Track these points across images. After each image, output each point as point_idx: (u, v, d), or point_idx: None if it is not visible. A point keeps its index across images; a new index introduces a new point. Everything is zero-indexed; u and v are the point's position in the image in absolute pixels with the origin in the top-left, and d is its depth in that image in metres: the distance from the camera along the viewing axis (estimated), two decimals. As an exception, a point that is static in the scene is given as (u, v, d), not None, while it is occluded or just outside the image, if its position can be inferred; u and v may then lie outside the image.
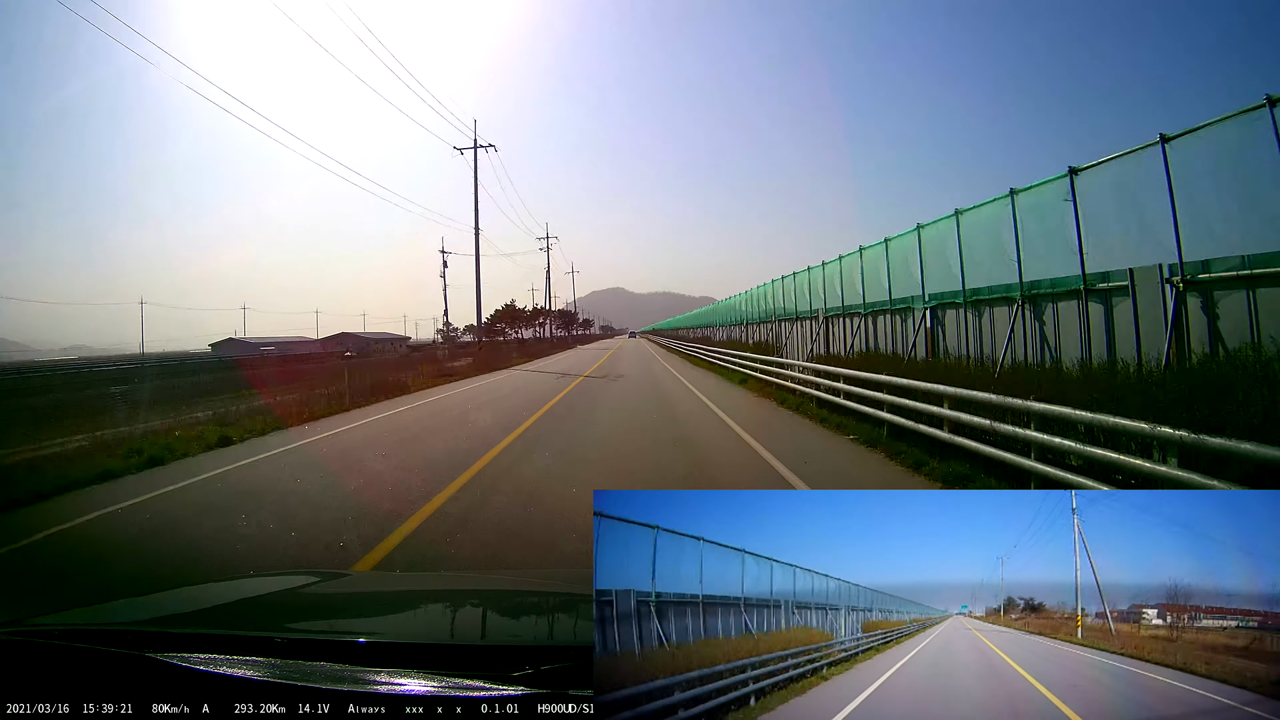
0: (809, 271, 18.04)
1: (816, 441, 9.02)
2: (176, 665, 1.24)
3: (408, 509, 5.70)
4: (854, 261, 14.45)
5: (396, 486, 6.64)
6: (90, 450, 9.05)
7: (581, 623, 1.66)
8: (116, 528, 5.83)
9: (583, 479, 6.71)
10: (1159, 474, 4.00)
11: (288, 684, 1.19)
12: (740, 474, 7.01)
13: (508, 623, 1.82)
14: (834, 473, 7.02)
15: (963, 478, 6.14)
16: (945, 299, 10.62)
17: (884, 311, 13.04)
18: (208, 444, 9.94)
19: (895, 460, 7.34)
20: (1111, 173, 6.99)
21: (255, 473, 8.00)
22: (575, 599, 1.87)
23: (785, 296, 20.59)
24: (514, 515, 5.49)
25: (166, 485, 7.31)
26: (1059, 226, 7.71)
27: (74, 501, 6.81)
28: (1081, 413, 4.78)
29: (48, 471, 7.80)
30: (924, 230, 11.19)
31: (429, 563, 4.39)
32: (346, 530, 5.14)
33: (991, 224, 9.20)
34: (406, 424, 12.06)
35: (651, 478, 6.93)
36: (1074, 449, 4.85)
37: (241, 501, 6.40)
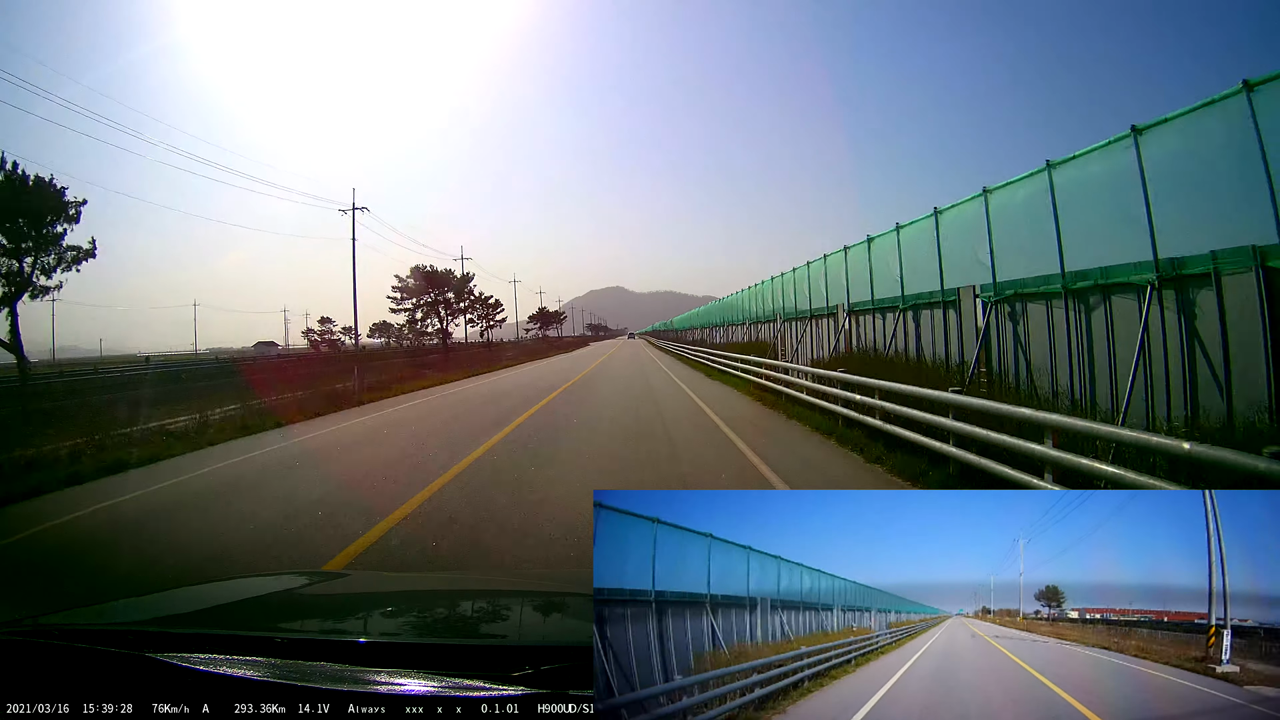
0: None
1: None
2: (177, 665, 1.24)
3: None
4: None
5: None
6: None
7: (581, 623, 1.66)
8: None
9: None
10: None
11: (288, 684, 1.19)
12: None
13: (508, 623, 1.82)
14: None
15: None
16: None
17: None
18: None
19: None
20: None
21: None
22: (575, 599, 1.87)
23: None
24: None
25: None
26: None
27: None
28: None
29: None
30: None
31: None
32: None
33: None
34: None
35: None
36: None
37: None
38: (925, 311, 10.91)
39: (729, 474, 6.93)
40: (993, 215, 8.85)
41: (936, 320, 10.52)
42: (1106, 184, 6.90)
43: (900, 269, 11.62)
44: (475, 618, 1.85)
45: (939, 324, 10.45)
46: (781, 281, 20.27)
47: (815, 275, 16.62)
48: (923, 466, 6.49)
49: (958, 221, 9.90)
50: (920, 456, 6.64)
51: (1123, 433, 4.30)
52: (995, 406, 5.54)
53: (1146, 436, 4.05)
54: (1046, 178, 7.60)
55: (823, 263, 15.74)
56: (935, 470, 6.30)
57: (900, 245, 11.63)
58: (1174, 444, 3.68)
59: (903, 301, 11.55)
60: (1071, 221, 7.38)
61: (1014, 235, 8.54)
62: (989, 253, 8.84)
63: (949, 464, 6.10)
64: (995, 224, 8.82)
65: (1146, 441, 3.94)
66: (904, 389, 7.27)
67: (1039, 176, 7.80)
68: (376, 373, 23.11)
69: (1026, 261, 8.20)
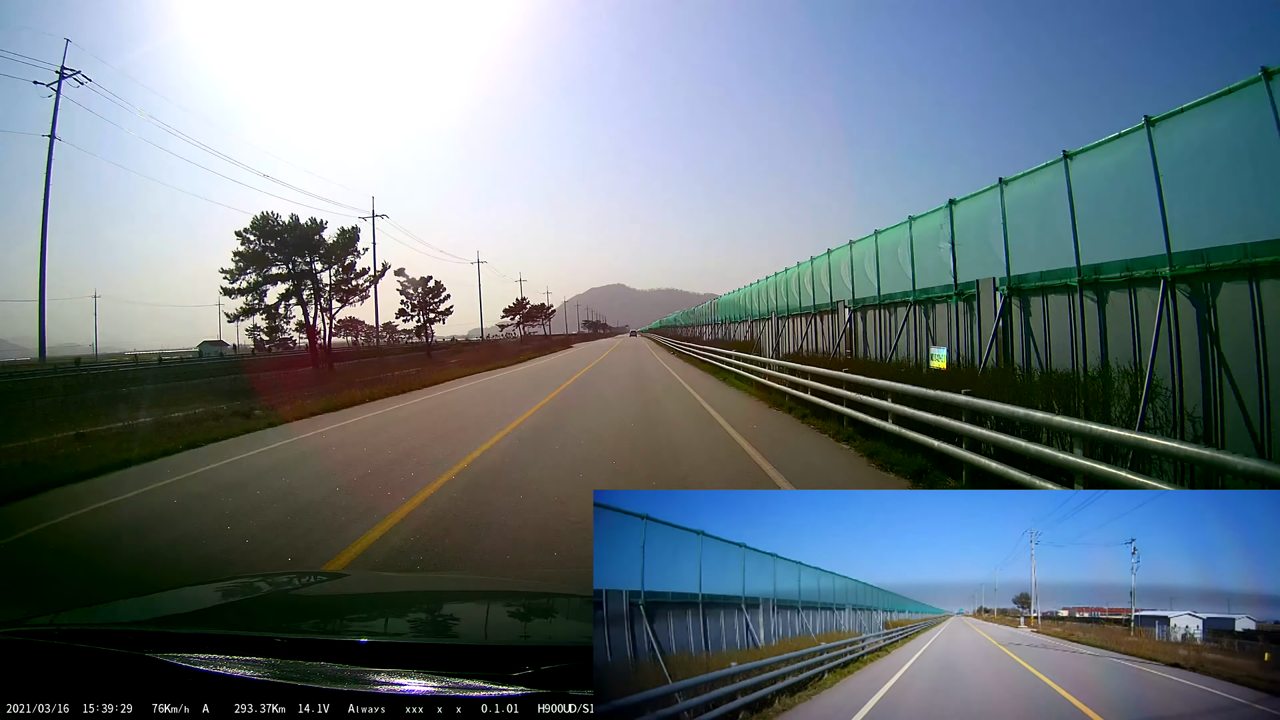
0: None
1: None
2: (177, 665, 1.24)
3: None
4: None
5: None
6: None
7: (581, 623, 1.66)
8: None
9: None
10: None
11: (288, 684, 1.19)
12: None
13: (507, 623, 1.82)
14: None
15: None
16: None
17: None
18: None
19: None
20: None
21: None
22: (575, 599, 1.87)
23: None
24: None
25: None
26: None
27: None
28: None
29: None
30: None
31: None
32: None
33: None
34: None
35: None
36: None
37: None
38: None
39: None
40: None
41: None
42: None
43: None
44: (475, 618, 1.86)
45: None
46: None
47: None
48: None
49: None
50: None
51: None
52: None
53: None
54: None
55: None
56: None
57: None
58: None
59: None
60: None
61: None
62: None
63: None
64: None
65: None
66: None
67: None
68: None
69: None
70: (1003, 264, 8.80)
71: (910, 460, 6.67)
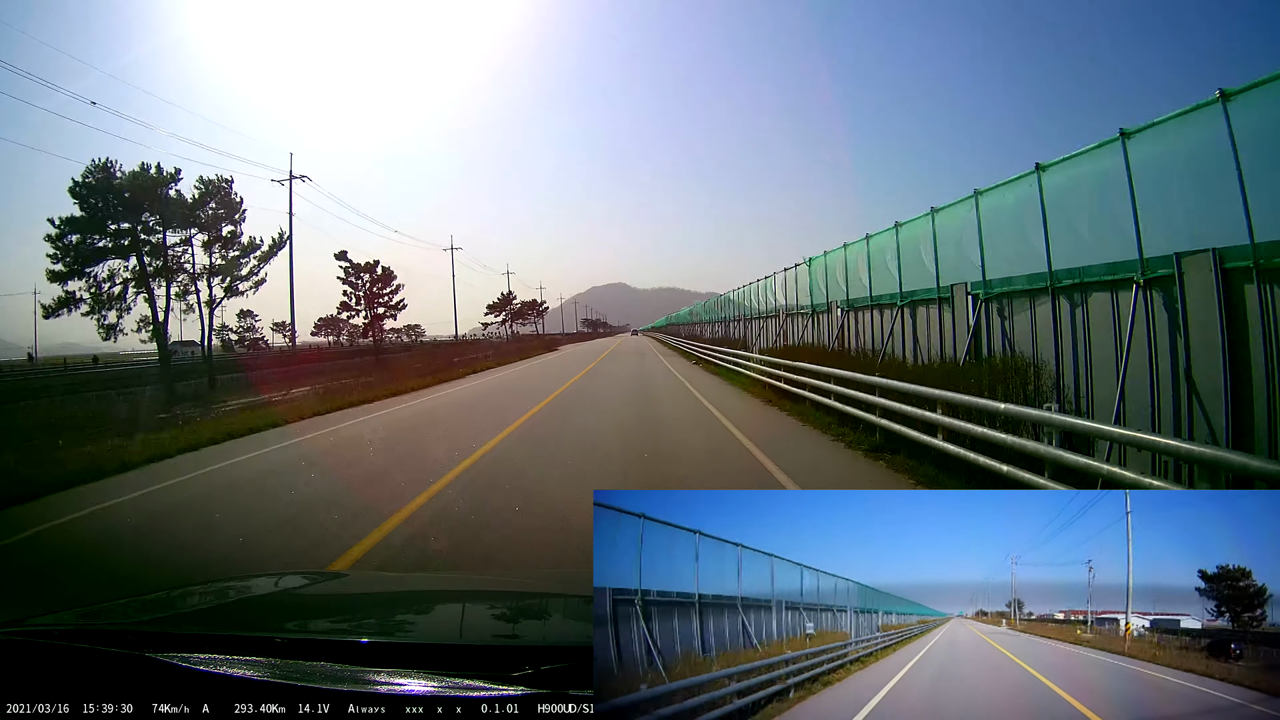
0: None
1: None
2: (177, 665, 1.24)
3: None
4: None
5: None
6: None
7: (581, 623, 1.66)
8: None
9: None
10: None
11: (288, 684, 1.19)
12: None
13: (508, 623, 1.82)
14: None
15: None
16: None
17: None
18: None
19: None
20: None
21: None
22: (575, 599, 1.87)
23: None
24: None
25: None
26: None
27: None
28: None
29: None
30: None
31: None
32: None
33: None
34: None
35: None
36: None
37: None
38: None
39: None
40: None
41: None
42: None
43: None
44: (475, 618, 1.85)
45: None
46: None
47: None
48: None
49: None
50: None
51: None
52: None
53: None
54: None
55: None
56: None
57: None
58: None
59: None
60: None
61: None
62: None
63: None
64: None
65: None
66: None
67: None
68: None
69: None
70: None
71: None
